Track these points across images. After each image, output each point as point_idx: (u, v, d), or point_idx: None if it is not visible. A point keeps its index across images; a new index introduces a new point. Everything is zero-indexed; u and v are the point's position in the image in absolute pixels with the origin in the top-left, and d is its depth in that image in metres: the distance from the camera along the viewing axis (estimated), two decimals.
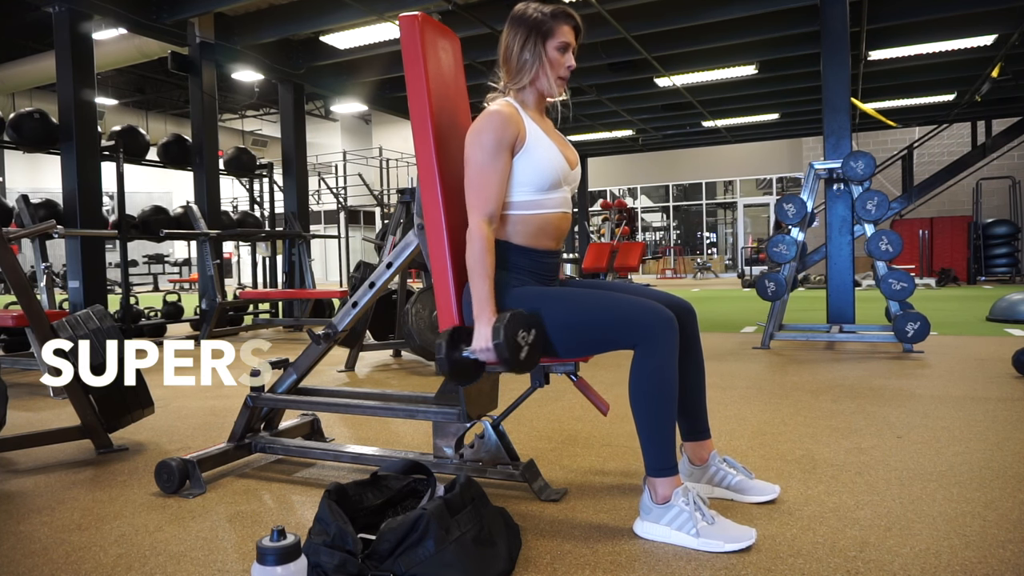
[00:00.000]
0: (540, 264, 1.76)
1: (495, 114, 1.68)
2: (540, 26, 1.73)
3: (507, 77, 1.79)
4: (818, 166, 4.94)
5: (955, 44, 8.05)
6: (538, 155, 1.71)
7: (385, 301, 4.90)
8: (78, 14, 5.57)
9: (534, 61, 1.74)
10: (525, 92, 1.78)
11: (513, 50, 1.75)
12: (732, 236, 20.57)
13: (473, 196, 1.67)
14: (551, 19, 1.73)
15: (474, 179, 1.67)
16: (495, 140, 1.66)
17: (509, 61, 1.77)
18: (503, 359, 1.56)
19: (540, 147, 1.72)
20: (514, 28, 1.76)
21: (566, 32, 1.75)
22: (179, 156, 7.04)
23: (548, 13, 1.74)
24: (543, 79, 1.75)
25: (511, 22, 1.77)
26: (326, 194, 18.91)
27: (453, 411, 1.95)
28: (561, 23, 1.74)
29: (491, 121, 1.67)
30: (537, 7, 1.76)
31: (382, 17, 6.57)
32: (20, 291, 2.41)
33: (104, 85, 13.36)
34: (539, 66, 1.74)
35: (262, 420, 2.30)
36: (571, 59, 1.77)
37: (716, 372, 3.86)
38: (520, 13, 1.76)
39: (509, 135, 1.67)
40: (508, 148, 1.68)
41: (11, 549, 1.66)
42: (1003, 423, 2.62)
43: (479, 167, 1.66)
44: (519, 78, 1.76)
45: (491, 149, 1.66)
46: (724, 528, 1.55)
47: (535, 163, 1.70)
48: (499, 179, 1.66)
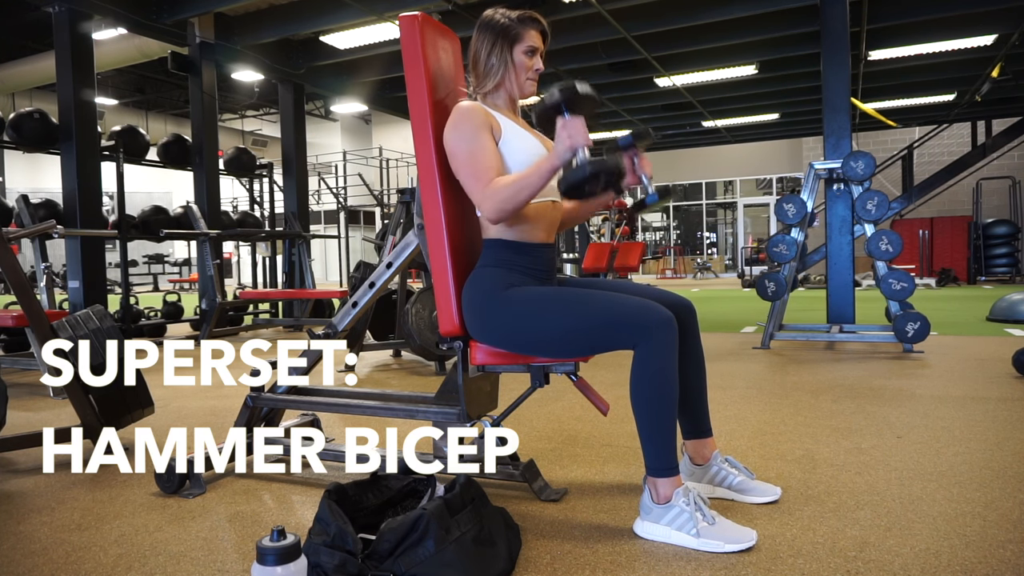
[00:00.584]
0: (535, 259, 1.76)
1: (464, 107, 1.71)
2: (507, 31, 1.76)
3: (475, 82, 1.81)
4: (818, 166, 4.94)
5: (955, 44, 8.05)
6: (517, 145, 1.73)
7: (385, 301, 4.90)
8: (78, 14, 5.57)
9: (500, 65, 1.76)
10: (493, 96, 1.80)
11: (481, 55, 1.78)
12: (732, 236, 20.58)
13: (472, 181, 1.67)
14: (518, 24, 1.76)
15: (464, 164, 1.68)
16: (470, 125, 1.68)
17: (477, 66, 1.79)
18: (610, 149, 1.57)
19: (518, 138, 1.75)
20: (482, 34, 1.78)
21: (533, 36, 1.78)
22: (179, 156, 7.04)
23: (515, 18, 1.77)
24: (509, 82, 1.78)
25: (479, 28, 1.79)
26: (326, 194, 18.91)
27: (453, 411, 1.95)
28: (528, 28, 1.77)
29: (462, 113, 1.70)
30: (504, 13, 1.78)
31: (382, 17, 6.57)
32: (20, 291, 2.41)
33: (104, 85, 13.36)
34: (505, 70, 1.76)
35: (262, 420, 2.30)
36: (539, 62, 1.80)
37: (716, 372, 3.86)
38: (488, 19, 1.79)
39: (481, 119, 1.69)
40: (487, 129, 1.69)
41: (11, 549, 1.66)
42: (1003, 423, 2.62)
43: (466, 153, 1.67)
44: (485, 82, 1.78)
45: (470, 133, 1.67)
46: (724, 528, 1.55)
47: (514, 152, 1.72)
48: (489, 153, 1.67)
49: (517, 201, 1.61)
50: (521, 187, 1.60)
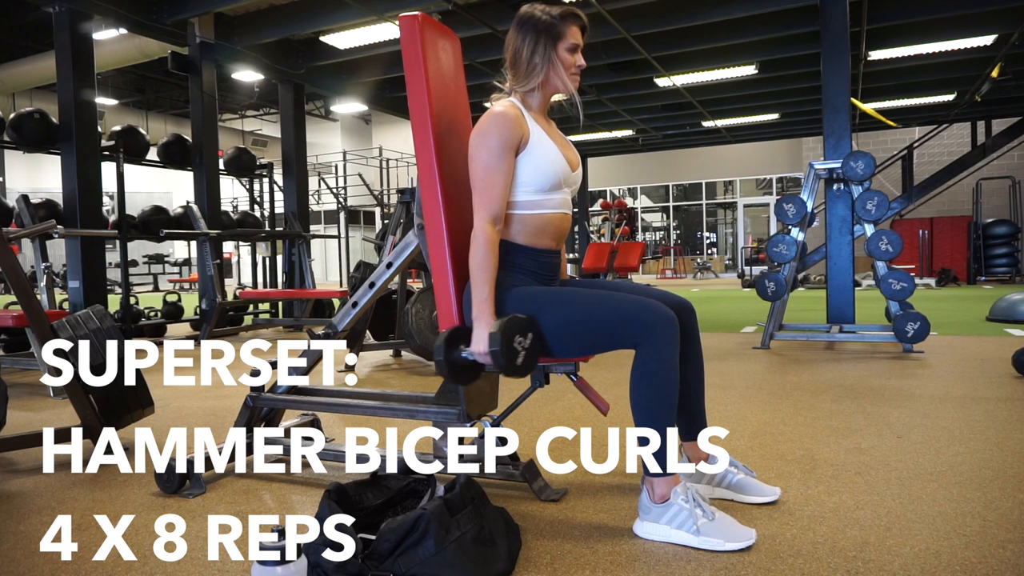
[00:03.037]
0: (541, 263, 1.76)
1: (500, 115, 1.67)
2: (550, 29, 1.72)
3: (515, 80, 1.77)
4: (818, 166, 4.94)
5: (955, 44, 8.05)
6: (540, 156, 1.71)
7: (385, 301, 4.90)
8: (78, 14, 5.57)
9: (544, 64, 1.73)
10: (531, 94, 1.78)
11: (523, 53, 1.74)
12: (732, 236, 20.58)
13: (478, 197, 1.66)
14: (560, 21, 1.73)
15: (480, 180, 1.66)
16: (501, 141, 1.65)
17: (518, 64, 1.76)
18: (499, 365, 1.56)
19: (542, 148, 1.72)
20: (523, 31, 1.74)
21: (575, 33, 1.75)
22: (179, 156, 7.04)
23: (557, 16, 1.73)
24: (555, 80, 1.75)
25: (519, 25, 1.75)
26: (326, 194, 18.90)
27: (453, 411, 1.95)
28: (570, 24, 1.74)
29: (496, 122, 1.67)
30: (544, 9, 1.75)
31: (382, 17, 6.57)
32: (20, 291, 2.41)
33: (104, 85, 13.35)
34: (549, 68, 1.73)
35: (262, 420, 2.30)
36: (581, 59, 1.77)
37: (716, 372, 3.86)
38: (528, 16, 1.75)
39: (514, 136, 1.67)
40: (513, 149, 1.68)
41: (11, 549, 1.66)
42: (1003, 423, 2.62)
43: (485, 168, 1.66)
44: (528, 81, 1.75)
45: (497, 150, 1.65)
46: (725, 526, 1.55)
47: (537, 164, 1.70)
48: (504, 180, 1.66)
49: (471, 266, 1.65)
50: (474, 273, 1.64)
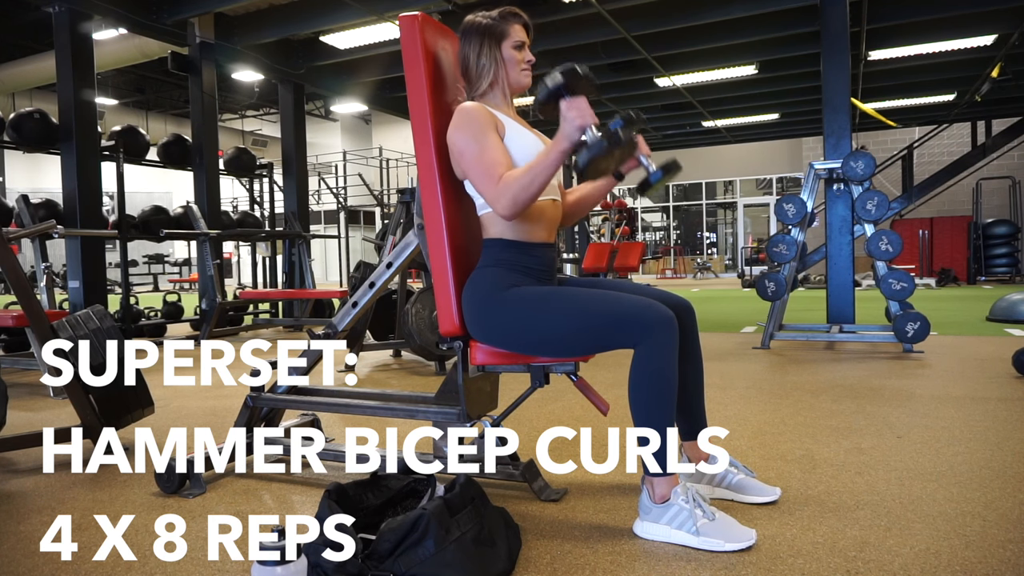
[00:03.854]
0: (536, 259, 1.76)
1: (470, 106, 1.71)
2: (492, 30, 1.76)
3: (469, 87, 1.80)
4: (818, 166, 4.94)
5: (955, 44, 8.05)
6: (518, 142, 1.73)
7: (385, 301, 4.90)
8: (78, 14, 5.57)
9: (491, 64, 1.76)
10: (489, 96, 1.80)
11: (471, 59, 1.78)
12: (732, 236, 20.58)
13: (484, 179, 1.64)
14: (501, 21, 1.77)
15: (475, 164, 1.66)
16: (476, 124, 1.67)
17: (468, 71, 1.79)
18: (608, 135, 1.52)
19: (519, 135, 1.74)
20: (467, 38, 1.79)
21: (518, 31, 1.79)
22: (179, 156, 7.04)
23: (497, 16, 1.77)
24: (503, 78, 1.78)
25: (463, 34, 1.80)
26: (326, 194, 18.91)
27: (453, 411, 1.95)
28: (511, 23, 1.78)
29: (469, 111, 1.69)
30: (484, 14, 1.79)
31: (382, 17, 6.57)
32: (20, 291, 2.41)
33: (104, 85, 13.35)
34: (496, 67, 1.77)
35: (262, 420, 2.30)
36: (529, 54, 1.80)
37: (716, 372, 3.86)
38: (469, 23, 1.79)
39: (486, 118, 1.69)
40: (492, 127, 1.69)
41: (11, 549, 1.66)
42: (1003, 423, 2.62)
43: (475, 152, 1.66)
44: (479, 83, 1.78)
45: (476, 131, 1.67)
46: (725, 526, 1.55)
47: (516, 150, 1.71)
48: (498, 149, 1.66)
49: (531, 191, 1.59)
50: (534, 175, 1.58)
